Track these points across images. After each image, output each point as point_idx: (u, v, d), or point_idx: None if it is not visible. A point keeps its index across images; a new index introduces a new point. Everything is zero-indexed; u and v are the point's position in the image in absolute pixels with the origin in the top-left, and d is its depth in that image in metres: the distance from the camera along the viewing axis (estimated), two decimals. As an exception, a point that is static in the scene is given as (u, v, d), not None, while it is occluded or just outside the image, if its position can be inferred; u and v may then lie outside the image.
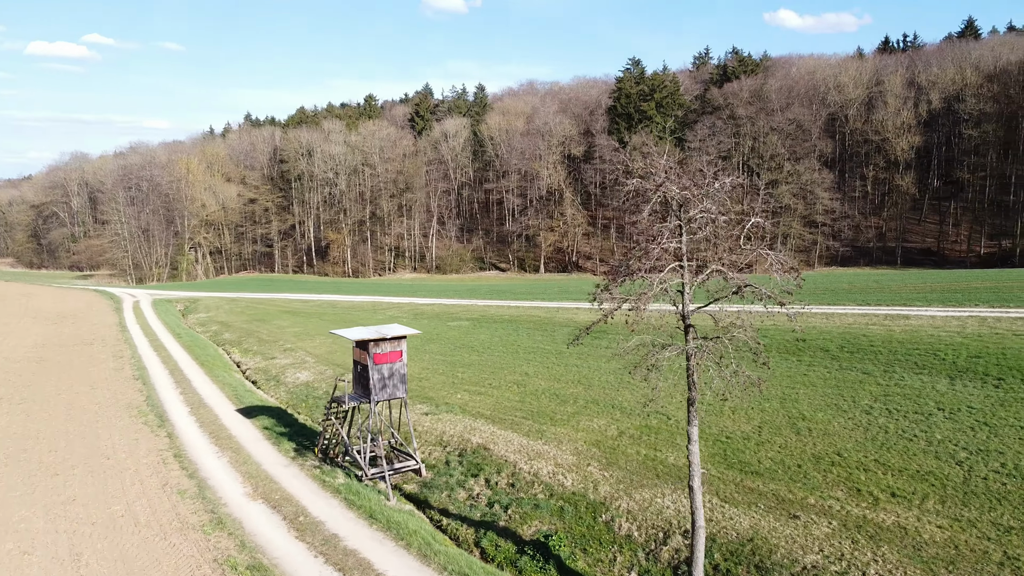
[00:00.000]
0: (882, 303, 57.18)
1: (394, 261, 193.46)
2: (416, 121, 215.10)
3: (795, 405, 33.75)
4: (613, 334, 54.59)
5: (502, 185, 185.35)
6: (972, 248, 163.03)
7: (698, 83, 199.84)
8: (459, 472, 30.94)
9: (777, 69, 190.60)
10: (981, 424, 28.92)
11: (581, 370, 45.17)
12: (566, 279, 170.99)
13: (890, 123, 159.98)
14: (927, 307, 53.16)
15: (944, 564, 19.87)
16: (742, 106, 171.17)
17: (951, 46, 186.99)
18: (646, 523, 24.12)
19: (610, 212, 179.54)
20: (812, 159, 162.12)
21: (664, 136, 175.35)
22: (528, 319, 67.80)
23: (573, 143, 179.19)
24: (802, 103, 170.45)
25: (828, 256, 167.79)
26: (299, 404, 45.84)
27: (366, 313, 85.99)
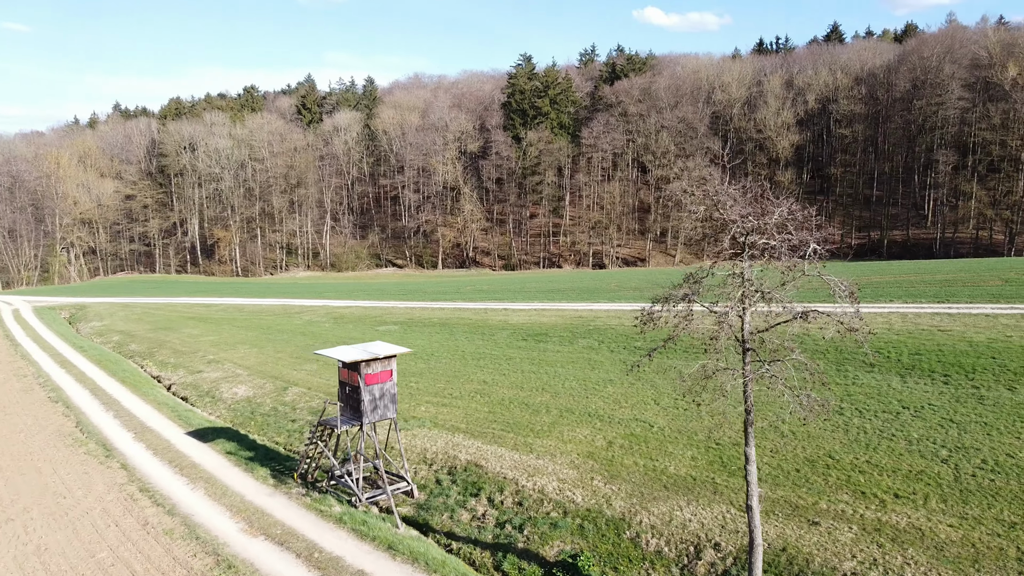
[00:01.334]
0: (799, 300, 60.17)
1: (286, 259, 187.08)
2: (303, 114, 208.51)
3: (770, 408, 35.05)
4: (556, 341, 55.08)
5: (398, 180, 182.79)
6: (845, 240, 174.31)
7: (588, 80, 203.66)
8: (455, 492, 30.32)
9: (664, 68, 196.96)
10: (948, 421, 31.04)
11: (540, 376, 45.21)
12: (466, 275, 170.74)
13: (771, 122, 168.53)
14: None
15: (969, 563, 21.20)
16: (633, 104, 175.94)
17: (820, 49, 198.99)
18: (673, 538, 24.46)
19: (508, 207, 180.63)
20: (701, 156, 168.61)
21: (559, 132, 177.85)
22: (460, 322, 67.21)
23: (469, 138, 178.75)
24: (689, 102, 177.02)
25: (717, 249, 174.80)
26: (247, 423, 43.60)
27: (280, 318, 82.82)
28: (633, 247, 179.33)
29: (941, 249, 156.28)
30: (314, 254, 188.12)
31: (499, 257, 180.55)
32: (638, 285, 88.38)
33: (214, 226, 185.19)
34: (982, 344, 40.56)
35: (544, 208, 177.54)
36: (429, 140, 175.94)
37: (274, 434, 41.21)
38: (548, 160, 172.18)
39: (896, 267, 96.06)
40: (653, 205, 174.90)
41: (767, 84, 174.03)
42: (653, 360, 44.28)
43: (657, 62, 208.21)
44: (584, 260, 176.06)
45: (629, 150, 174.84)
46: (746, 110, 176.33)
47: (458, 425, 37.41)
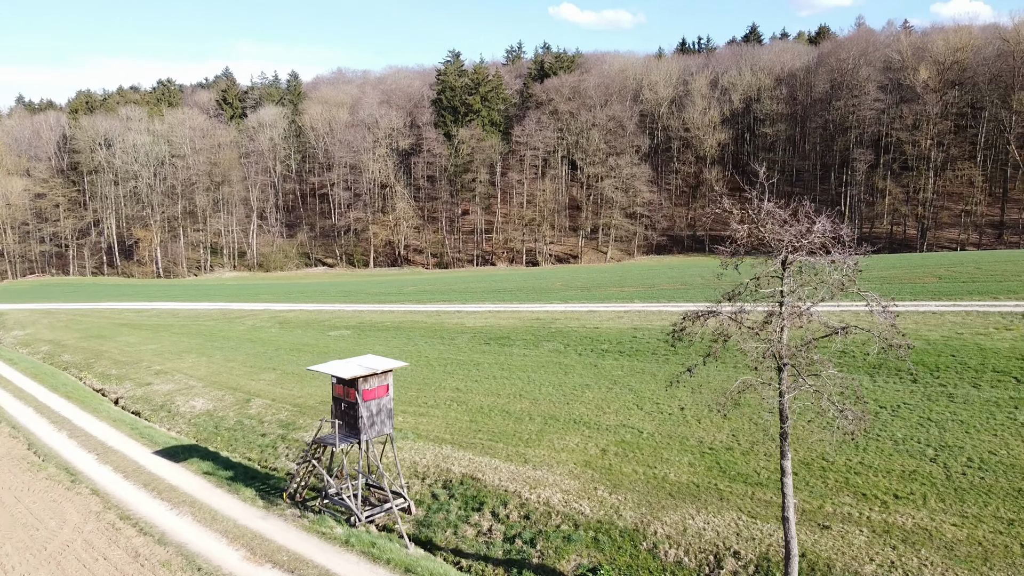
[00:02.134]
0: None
1: (210, 259, 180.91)
2: (225, 109, 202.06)
3: (753, 409, 35.80)
4: (520, 345, 54.97)
5: (327, 178, 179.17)
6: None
7: (517, 78, 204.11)
8: (455, 506, 29.86)
9: (591, 66, 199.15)
10: (926, 420, 32.36)
11: (514, 382, 44.99)
12: (399, 274, 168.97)
13: (698, 121, 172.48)
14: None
15: (980, 562, 22.15)
16: (563, 102, 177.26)
17: (741, 49, 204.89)
18: (692, 548, 24.70)
19: (440, 205, 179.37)
20: (631, 154, 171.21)
21: (490, 130, 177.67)
22: (415, 326, 66.32)
23: (400, 136, 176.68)
24: (618, 100, 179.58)
25: (646, 245, 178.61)
26: (212, 439, 41.94)
27: (220, 323, 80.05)
28: (565, 244, 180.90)
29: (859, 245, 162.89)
30: (240, 254, 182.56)
31: (432, 255, 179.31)
32: (584, 284, 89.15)
33: (133, 225, 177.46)
34: (939, 342, 42.48)
35: (477, 206, 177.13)
36: (359, 137, 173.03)
37: (245, 450, 39.74)
38: (480, 158, 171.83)
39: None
40: (584, 202, 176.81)
41: (693, 84, 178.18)
42: (625, 364, 44.76)
43: (584, 60, 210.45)
44: (517, 258, 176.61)
45: (560, 148, 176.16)
46: (674, 109, 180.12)
47: (442, 436, 36.89)
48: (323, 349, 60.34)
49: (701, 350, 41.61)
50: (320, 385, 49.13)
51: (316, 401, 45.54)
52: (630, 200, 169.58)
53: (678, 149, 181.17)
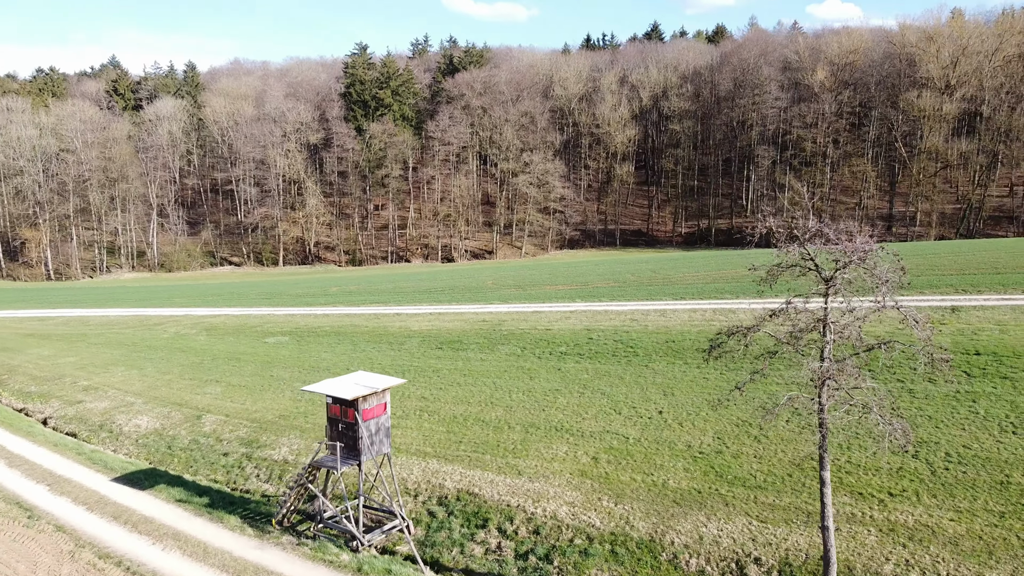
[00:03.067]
0: (692, 296, 63.35)
1: (107, 260, 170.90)
2: (116, 100, 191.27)
3: (727, 411, 36.67)
4: (475, 349, 54.50)
5: (233, 174, 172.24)
6: (676, 229, 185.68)
7: (426, 72, 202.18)
8: (457, 524, 29.29)
9: (501, 61, 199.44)
10: (896, 417, 33.95)
11: (481, 389, 44.50)
12: (311, 272, 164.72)
13: (609, 117, 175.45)
14: (738, 299, 60.07)
15: (986, 556, 23.45)
16: (476, 97, 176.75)
17: (646, 47, 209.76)
18: (712, 556, 25.09)
19: (352, 201, 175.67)
20: (544, 149, 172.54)
21: (402, 124, 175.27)
22: (356, 331, 64.67)
23: (309, 130, 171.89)
24: (530, 96, 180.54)
25: (560, 240, 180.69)
26: (167, 460, 39.69)
27: (140, 331, 75.83)
28: (480, 239, 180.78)
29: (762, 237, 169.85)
30: (139, 254, 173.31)
31: (344, 253, 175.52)
32: (516, 283, 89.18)
33: (19, 225, 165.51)
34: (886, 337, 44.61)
35: (391, 201, 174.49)
36: (266, 131, 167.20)
37: (208, 472, 37.76)
38: (393, 153, 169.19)
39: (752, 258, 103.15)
40: (499, 198, 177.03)
41: (603, 80, 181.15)
42: (588, 367, 44.74)
43: (493, 55, 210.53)
44: (433, 254, 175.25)
45: (474, 143, 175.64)
46: (584, 105, 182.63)
47: (423, 449, 36.12)
48: (265, 358, 58.04)
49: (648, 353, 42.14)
50: (274, 398, 47.26)
51: (275, 416, 43.75)
52: (544, 195, 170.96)
53: (589, 145, 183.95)
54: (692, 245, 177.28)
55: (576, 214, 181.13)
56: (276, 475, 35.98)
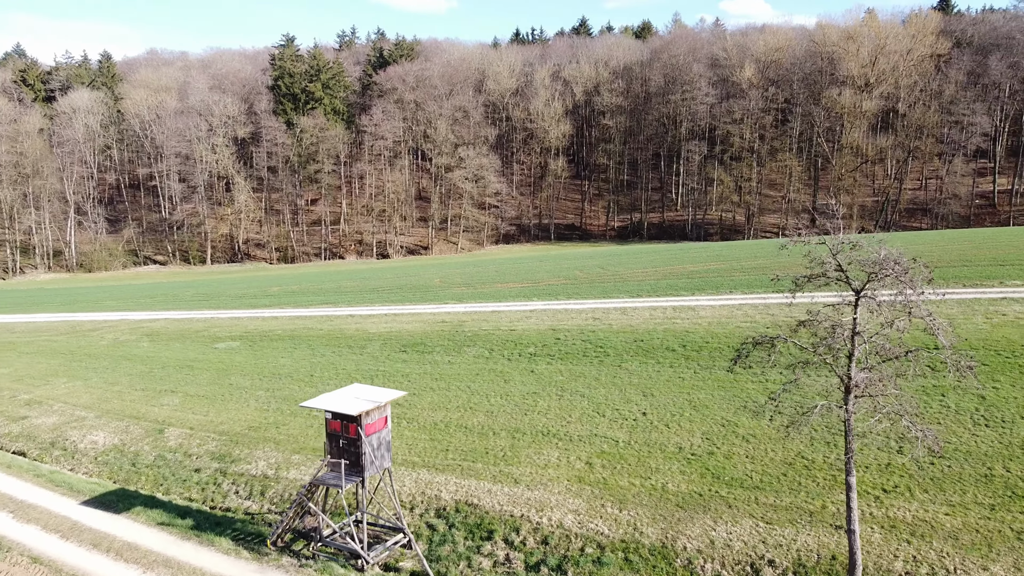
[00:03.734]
0: (648, 294, 64.13)
1: (19, 261, 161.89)
2: (25, 90, 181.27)
3: (709, 411, 37.25)
4: (441, 351, 53.88)
5: (157, 169, 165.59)
6: (609, 223, 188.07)
7: (356, 64, 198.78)
8: (460, 536, 28.84)
9: (432, 54, 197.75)
10: (873, 412, 35.06)
11: (457, 394, 43.97)
12: (242, 271, 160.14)
13: (543, 112, 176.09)
14: (694, 295, 61.07)
15: (987, 549, 24.47)
16: (408, 91, 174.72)
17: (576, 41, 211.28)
18: (726, 560, 25.40)
19: (284, 197, 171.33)
20: (479, 144, 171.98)
21: (333, 118, 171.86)
22: (310, 334, 63.06)
23: (238, 124, 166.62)
24: (463, 90, 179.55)
25: (495, 235, 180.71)
26: (133, 479, 37.85)
27: (74, 338, 72.13)
28: (415, 235, 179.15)
29: (693, 230, 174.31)
30: (56, 253, 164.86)
31: (276, 250, 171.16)
32: (463, 281, 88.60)
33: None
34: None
35: (323, 197, 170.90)
36: (191, 125, 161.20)
37: (182, 490, 36.14)
38: (325, 147, 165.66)
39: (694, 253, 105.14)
40: (434, 193, 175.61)
41: (536, 75, 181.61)
42: (561, 368, 44.53)
43: (423, 48, 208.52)
44: (367, 250, 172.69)
45: (408, 138, 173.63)
46: (518, 100, 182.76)
47: (409, 458, 35.46)
48: (219, 365, 55.98)
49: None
50: (239, 408, 45.62)
51: (244, 427, 42.23)
52: (480, 190, 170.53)
53: (523, 139, 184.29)
54: (625, 239, 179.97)
55: (511, 209, 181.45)
56: (257, 491, 34.71)
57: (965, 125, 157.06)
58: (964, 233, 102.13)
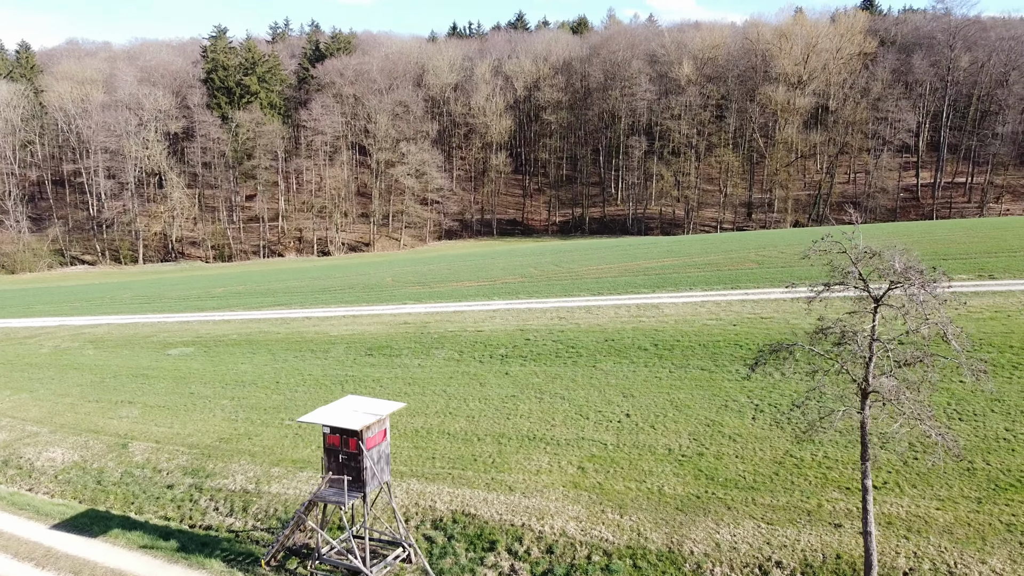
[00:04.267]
0: (608, 291, 64.55)
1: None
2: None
3: (691, 411, 37.60)
4: (408, 354, 53.12)
5: (83, 165, 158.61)
6: (551, 218, 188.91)
7: (291, 57, 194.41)
8: (461, 548, 28.42)
9: (369, 48, 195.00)
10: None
11: (432, 399, 43.35)
12: (177, 270, 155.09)
13: (484, 107, 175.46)
14: (655, 293, 61.77)
15: (981, 542, 25.33)
16: (347, 85, 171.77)
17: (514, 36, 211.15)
18: (734, 563, 25.67)
19: (220, 193, 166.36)
20: (421, 139, 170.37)
21: (270, 113, 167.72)
22: (268, 338, 61.36)
23: (170, 118, 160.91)
24: (403, 84, 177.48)
25: (438, 231, 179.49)
26: (100, 498, 36.16)
27: (7, 345, 68.70)
28: (357, 231, 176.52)
29: (634, 225, 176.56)
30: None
31: (212, 248, 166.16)
32: (417, 279, 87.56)
33: None
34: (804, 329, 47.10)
35: (261, 193, 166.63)
36: (120, 119, 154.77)
37: (156, 508, 34.66)
38: (263, 143, 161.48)
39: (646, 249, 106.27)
40: (376, 189, 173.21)
41: (476, 70, 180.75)
42: (536, 370, 44.28)
43: (360, 41, 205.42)
44: (307, 247, 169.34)
45: (349, 133, 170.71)
46: (459, 95, 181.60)
47: (397, 467, 34.73)
48: (176, 373, 53.93)
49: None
50: (205, 419, 44.02)
51: (214, 439, 40.75)
52: (422, 186, 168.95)
53: (464, 135, 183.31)
54: (567, 234, 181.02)
55: (454, 205, 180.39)
56: (239, 507, 33.51)
57: (892, 121, 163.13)
58: (901, 227, 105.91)
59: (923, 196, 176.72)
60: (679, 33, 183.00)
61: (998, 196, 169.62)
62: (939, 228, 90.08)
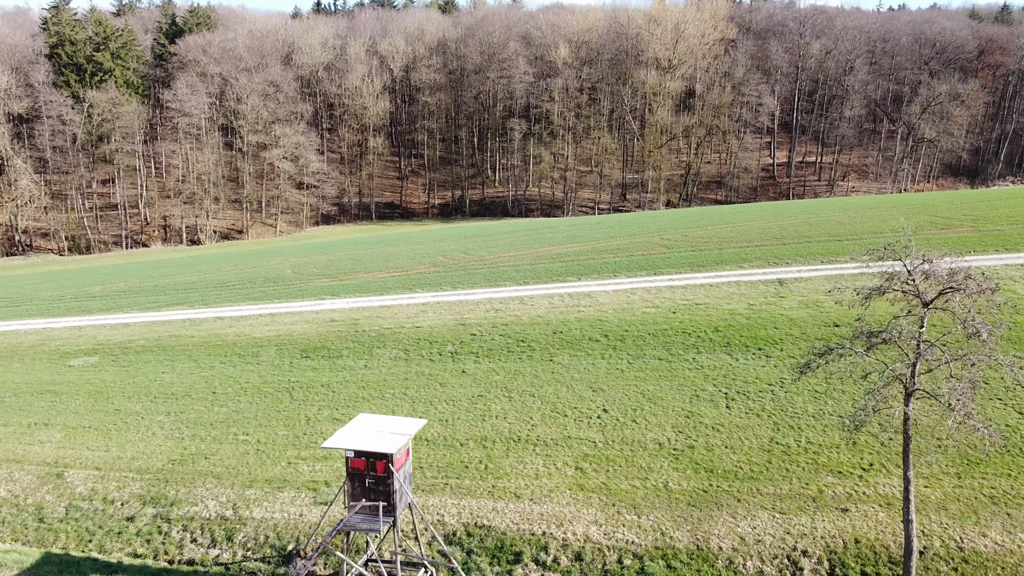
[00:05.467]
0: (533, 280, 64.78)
1: None
2: None
3: (665, 402, 38.42)
4: (350, 355, 51.17)
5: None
6: (430, 201, 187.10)
7: (146, 33, 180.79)
8: (484, 562, 27.81)
9: (232, 23, 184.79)
10: (814, 393, 38.01)
11: (394, 403, 41.96)
12: (28, 265, 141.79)
13: (361, 88, 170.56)
14: (581, 280, 62.47)
15: (973, 515, 27.52)
16: (213, 63, 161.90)
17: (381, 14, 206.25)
18: (764, 555, 26.56)
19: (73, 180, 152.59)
20: (296, 121, 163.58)
21: (128, 92, 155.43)
22: (184, 342, 57.17)
23: (11, 98, 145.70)
24: (273, 63, 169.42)
25: (315, 216, 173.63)
26: (49, 538, 32.80)
27: None
28: (229, 218, 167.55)
29: (514, 207, 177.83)
30: None
31: (66, 239, 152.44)
32: (321, 271, 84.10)
33: None
34: (746, 314, 49.43)
35: (121, 179, 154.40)
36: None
37: (120, 544, 31.67)
38: (121, 124, 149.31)
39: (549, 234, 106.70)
40: (248, 173, 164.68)
41: (350, 50, 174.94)
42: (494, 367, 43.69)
43: (220, 17, 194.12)
44: (175, 236, 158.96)
45: (217, 114, 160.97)
46: (334, 75, 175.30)
47: (384, 481, 33.42)
48: (90, 387, 49.23)
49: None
50: (145, 439, 40.54)
51: (164, 461, 37.62)
52: (298, 170, 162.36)
53: (340, 116, 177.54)
54: (448, 217, 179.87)
55: (331, 188, 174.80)
56: (222, 537, 31.15)
57: (752, 105, 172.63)
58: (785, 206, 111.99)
59: (779, 175, 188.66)
60: (554, 15, 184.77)
61: (844, 174, 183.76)
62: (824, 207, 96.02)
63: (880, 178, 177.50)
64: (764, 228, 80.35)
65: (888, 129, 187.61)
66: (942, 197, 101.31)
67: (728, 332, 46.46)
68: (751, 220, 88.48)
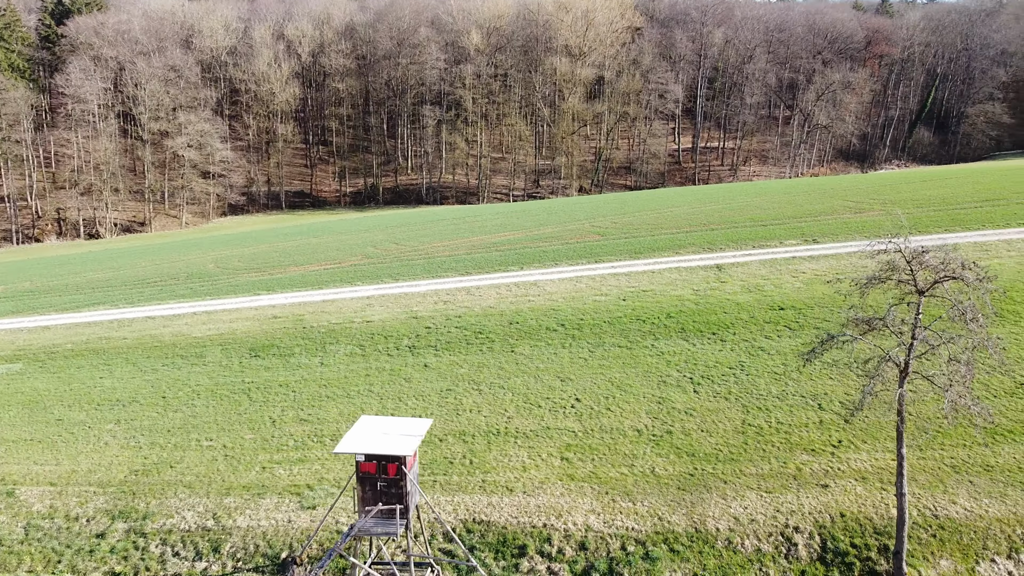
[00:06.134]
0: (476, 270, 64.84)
1: None
2: None
3: (635, 389, 39.41)
4: (303, 353, 50.05)
5: None
6: (342, 189, 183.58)
7: (30, 13, 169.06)
8: (489, 558, 27.99)
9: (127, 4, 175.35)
10: (775, 376, 39.75)
11: (361, 401, 41.32)
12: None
13: (269, 74, 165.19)
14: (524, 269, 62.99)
15: (940, 485, 29.57)
16: (108, 46, 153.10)
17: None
18: (759, 533, 27.80)
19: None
20: (201, 108, 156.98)
21: (13, 77, 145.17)
22: (116, 344, 54.41)
23: None
24: (172, 46, 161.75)
25: (222, 206, 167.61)
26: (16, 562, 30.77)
27: None
28: (130, 210, 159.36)
29: (429, 194, 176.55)
30: None
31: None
32: (251, 264, 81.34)
33: None
34: (690, 300, 51.16)
35: (9, 170, 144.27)
36: None
37: (94, 564, 30.13)
38: (8, 111, 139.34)
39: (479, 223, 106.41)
40: (147, 161, 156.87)
41: (255, 34, 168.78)
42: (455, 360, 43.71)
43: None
44: (71, 230, 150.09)
45: (114, 100, 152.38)
46: (239, 60, 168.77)
47: (368, 481, 33.02)
48: (23, 397, 46.24)
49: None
50: (99, 451, 38.54)
51: (126, 472, 35.89)
52: (204, 158, 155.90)
53: (247, 103, 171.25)
54: (361, 205, 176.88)
55: (239, 177, 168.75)
56: (207, 549, 30.06)
57: (660, 92, 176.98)
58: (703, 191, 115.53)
59: (684, 160, 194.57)
60: (465, 1, 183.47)
61: (746, 159, 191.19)
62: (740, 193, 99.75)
63: (779, 163, 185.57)
64: (689, 214, 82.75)
65: (785, 116, 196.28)
66: (846, 181, 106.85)
67: (680, 318, 47.90)
68: (675, 206, 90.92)
